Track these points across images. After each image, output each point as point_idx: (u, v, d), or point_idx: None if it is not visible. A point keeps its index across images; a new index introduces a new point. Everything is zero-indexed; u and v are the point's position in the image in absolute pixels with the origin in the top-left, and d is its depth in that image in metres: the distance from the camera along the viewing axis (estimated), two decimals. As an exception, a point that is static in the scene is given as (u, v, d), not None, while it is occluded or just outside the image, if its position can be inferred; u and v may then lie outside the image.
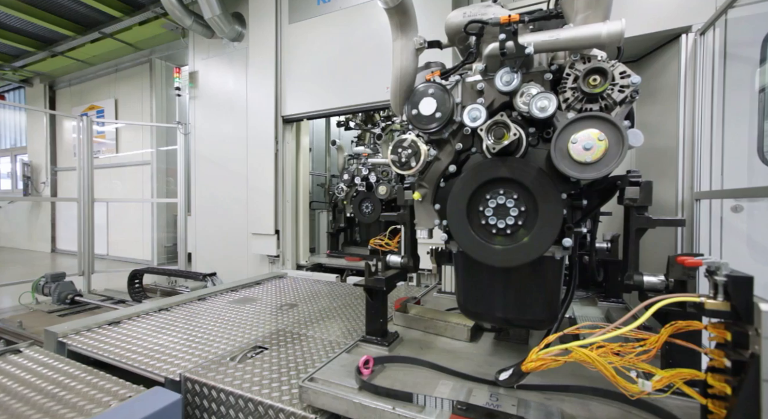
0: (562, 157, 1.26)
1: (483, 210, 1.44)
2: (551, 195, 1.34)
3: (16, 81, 10.66)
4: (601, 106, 1.30)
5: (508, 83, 1.35)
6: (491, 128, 1.36)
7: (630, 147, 1.26)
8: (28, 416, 1.43)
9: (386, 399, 1.30)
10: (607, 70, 1.27)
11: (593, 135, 1.21)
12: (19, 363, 1.91)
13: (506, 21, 1.37)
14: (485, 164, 1.44)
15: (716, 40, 2.87)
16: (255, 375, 1.65)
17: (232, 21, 5.16)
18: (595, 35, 1.27)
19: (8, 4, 6.37)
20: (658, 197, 3.42)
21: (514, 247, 1.40)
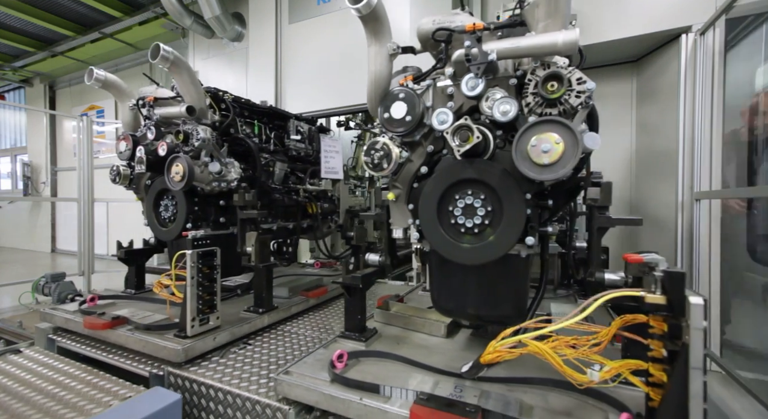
0: (522, 158, 1.32)
1: (452, 210, 1.51)
2: (515, 195, 1.40)
3: (16, 81, 10.66)
4: (560, 111, 1.35)
5: (473, 88, 1.40)
6: (456, 131, 1.42)
7: (588, 150, 1.31)
8: (28, 416, 1.43)
9: (355, 390, 1.37)
10: (564, 76, 1.32)
11: (551, 138, 1.27)
12: (19, 363, 1.91)
13: (471, 29, 1.46)
14: (454, 166, 1.50)
15: (716, 40, 2.87)
16: (236, 370, 1.74)
17: (232, 21, 5.16)
18: (552, 43, 1.33)
19: (8, 4, 6.37)
20: (658, 197, 3.42)
21: (481, 246, 1.46)
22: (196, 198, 2.52)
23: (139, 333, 1.98)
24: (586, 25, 3.31)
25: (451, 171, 1.51)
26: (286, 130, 3.30)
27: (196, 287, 1.90)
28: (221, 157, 2.47)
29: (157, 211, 2.62)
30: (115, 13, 6.67)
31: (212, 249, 2.00)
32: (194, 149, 2.31)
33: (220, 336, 2.00)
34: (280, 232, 3.04)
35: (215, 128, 2.54)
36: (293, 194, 3.17)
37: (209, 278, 1.97)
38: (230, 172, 2.52)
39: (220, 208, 2.65)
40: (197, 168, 2.32)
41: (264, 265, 2.36)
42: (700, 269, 2.90)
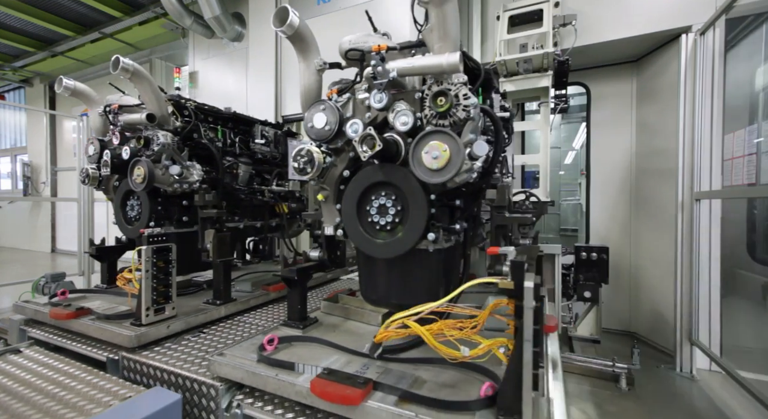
0: (418, 164, 1.50)
1: (369, 210, 1.71)
2: (418, 196, 1.59)
3: (16, 81, 10.66)
4: (450, 122, 1.53)
5: (380, 101, 1.61)
6: (363, 139, 1.58)
7: (476, 156, 1.49)
8: (28, 416, 1.43)
9: (275, 368, 1.54)
10: (449, 92, 1.51)
11: (439, 146, 1.45)
12: (19, 363, 1.91)
13: (377, 49, 1.67)
14: (369, 170, 1.70)
15: (716, 40, 2.87)
16: (184, 354, 1.92)
17: (232, 21, 5.16)
18: (438, 64, 1.53)
19: (8, 4, 6.37)
20: (658, 197, 3.43)
21: (392, 241, 1.65)
22: (160, 198, 2.70)
23: (99, 322, 2.13)
24: (586, 25, 3.31)
25: (367, 174, 1.71)
26: (252, 135, 3.47)
27: (151, 279, 2.04)
28: (182, 161, 2.64)
29: (124, 210, 2.81)
30: (115, 13, 6.66)
31: (167, 245, 2.15)
32: (155, 153, 2.50)
33: (175, 324, 2.16)
34: (247, 231, 3.23)
35: (177, 133, 2.71)
36: (258, 195, 3.33)
37: (164, 271, 2.12)
38: (192, 174, 2.69)
39: (183, 208, 2.82)
40: (158, 171, 2.50)
41: (221, 260, 2.53)
42: (700, 269, 2.90)
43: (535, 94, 3.54)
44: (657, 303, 3.44)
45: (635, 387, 2.71)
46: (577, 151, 7.88)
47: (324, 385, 1.34)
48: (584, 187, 4.44)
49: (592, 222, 3.99)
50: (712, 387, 2.76)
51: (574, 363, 2.97)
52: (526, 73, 3.35)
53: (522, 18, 3.38)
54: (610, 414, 2.40)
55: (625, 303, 3.81)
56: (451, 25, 1.61)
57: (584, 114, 4.21)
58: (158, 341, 2.05)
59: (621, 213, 3.86)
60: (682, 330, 2.96)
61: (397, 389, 1.33)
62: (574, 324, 3.28)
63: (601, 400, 2.56)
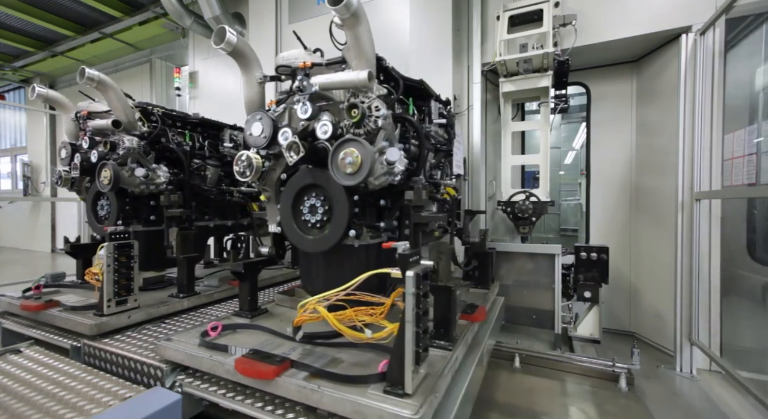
0: (335, 168, 1.69)
1: (302, 209, 1.90)
2: (341, 196, 1.76)
3: (16, 81, 10.66)
4: (365, 131, 1.72)
5: (306, 112, 1.76)
6: (290, 146, 1.77)
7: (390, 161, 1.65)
8: (28, 416, 1.43)
9: (212, 351, 1.71)
10: (358, 105, 1.70)
11: (352, 153, 1.63)
12: (19, 363, 1.92)
13: (303, 66, 1.89)
14: (301, 173, 1.89)
15: (716, 40, 2.87)
16: (141, 341, 2.09)
17: (232, 21, 5.16)
18: (351, 80, 1.73)
19: (8, 4, 6.37)
20: (658, 197, 3.42)
21: (321, 237, 1.84)
22: (127, 198, 2.89)
23: (65, 313, 2.29)
24: (586, 25, 3.31)
25: (299, 178, 1.90)
26: (221, 139, 3.65)
27: (113, 273, 2.22)
28: (147, 164, 2.82)
29: (95, 210, 3.00)
30: (115, 13, 6.66)
31: (129, 242, 2.32)
32: (121, 157, 2.70)
33: (136, 315, 2.33)
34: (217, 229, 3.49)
35: (143, 138, 2.88)
36: (228, 195, 3.51)
37: (126, 266, 2.29)
38: (158, 176, 2.88)
39: (150, 208, 3.01)
40: (124, 173, 2.70)
41: (184, 256, 2.70)
42: (700, 269, 2.90)
43: (535, 94, 3.54)
44: (657, 303, 3.44)
45: (635, 387, 2.71)
46: (577, 151, 7.88)
47: (245, 363, 1.51)
48: (584, 187, 4.44)
49: (592, 222, 3.99)
50: (712, 387, 2.76)
51: (574, 363, 2.97)
52: (526, 73, 3.35)
53: (522, 18, 3.38)
54: (610, 414, 2.40)
55: (625, 303, 3.81)
56: (364, 45, 1.80)
57: (584, 114, 4.21)
58: (120, 330, 2.23)
59: (621, 213, 3.86)
60: (682, 330, 2.96)
61: (311, 367, 1.50)
62: (574, 324, 3.28)
63: (601, 400, 2.56)
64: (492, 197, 3.89)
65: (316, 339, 1.76)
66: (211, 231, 3.46)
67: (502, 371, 3.02)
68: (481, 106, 3.69)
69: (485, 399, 2.59)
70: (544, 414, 2.40)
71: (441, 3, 3.70)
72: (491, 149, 4.02)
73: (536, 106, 3.91)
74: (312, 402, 1.40)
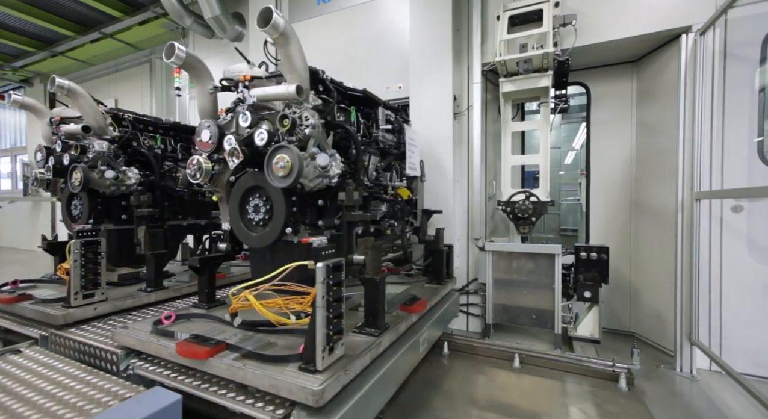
0: (271, 172, 1.86)
1: (248, 209, 2.10)
2: (278, 197, 1.96)
3: (16, 81, 10.65)
4: (297, 138, 1.92)
5: (246, 120, 1.98)
6: (232, 152, 1.97)
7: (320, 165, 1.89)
8: (28, 416, 1.43)
9: (161, 337, 1.88)
10: (288, 115, 1.88)
11: (283, 158, 1.81)
12: (19, 363, 1.91)
13: (243, 79, 2.07)
14: (247, 176, 2.08)
15: (716, 40, 2.87)
16: (105, 330, 2.25)
17: (232, 21, 5.16)
18: (282, 93, 1.91)
19: (8, 4, 6.36)
20: (659, 197, 3.42)
21: (263, 234, 2.03)
22: (99, 199, 3.08)
23: (36, 305, 2.46)
24: (586, 25, 3.31)
25: (245, 180, 2.09)
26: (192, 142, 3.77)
27: (80, 268, 2.39)
28: (116, 166, 2.99)
29: (69, 209, 3.17)
30: (115, 13, 6.65)
31: (96, 240, 2.48)
32: (91, 159, 2.87)
33: (102, 307, 2.51)
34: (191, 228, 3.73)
35: (114, 142, 3.05)
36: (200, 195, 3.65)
37: (93, 262, 2.46)
38: (129, 177, 3.05)
39: (122, 207, 3.19)
40: (95, 175, 2.86)
41: (152, 253, 2.86)
42: (700, 269, 2.90)
43: (535, 94, 3.54)
44: (657, 303, 3.44)
45: (635, 387, 2.71)
46: (577, 151, 7.87)
47: (184, 346, 1.70)
48: (584, 187, 4.44)
49: (592, 222, 3.99)
50: (712, 387, 2.76)
51: (574, 363, 2.97)
52: (526, 73, 3.35)
53: (522, 18, 3.38)
54: (610, 414, 2.40)
55: (625, 303, 3.81)
56: (295, 61, 1.94)
57: (584, 114, 4.21)
58: (87, 321, 2.42)
59: (621, 213, 3.86)
60: (682, 330, 2.96)
61: (242, 349, 1.67)
62: (574, 324, 3.28)
63: (601, 400, 2.56)
64: (492, 197, 3.89)
65: (258, 326, 1.93)
66: (184, 229, 3.68)
67: (501, 371, 3.02)
68: (481, 106, 3.69)
69: (485, 399, 2.59)
70: (544, 414, 2.40)
71: (441, 3, 3.70)
72: (491, 149, 4.03)
73: (536, 106, 3.91)
74: (237, 378, 1.57)
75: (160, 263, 2.97)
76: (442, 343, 3.42)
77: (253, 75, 2.13)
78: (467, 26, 3.82)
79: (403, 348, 2.13)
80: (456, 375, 2.97)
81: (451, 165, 3.64)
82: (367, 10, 4.28)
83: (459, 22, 3.80)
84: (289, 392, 1.44)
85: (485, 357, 3.27)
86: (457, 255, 3.74)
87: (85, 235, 2.49)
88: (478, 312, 3.74)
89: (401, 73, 4.01)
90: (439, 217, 3.65)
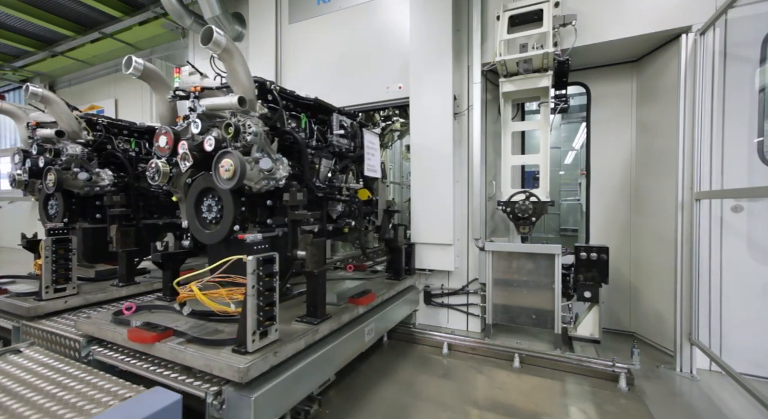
0: (218, 175, 2.05)
1: (202, 208, 2.31)
2: (227, 198, 2.16)
3: (16, 81, 10.65)
4: (242, 145, 2.11)
5: (197, 127, 2.18)
6: (184, 157, 2.16)
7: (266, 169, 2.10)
8: (28, 416, 1.43)
9: (117, 325, 2.11)
10: (232, 123, 2.08)
11: (228, 162, 2.00)
12: (19, 363, 1.91)
13: (193, 90, 2.28)
14: (201, 178, 2.28)
15: (716, 40, 2.87)
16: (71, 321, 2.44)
17: (232, 21, 5.16)
18: (229, 103, 2.11)
19: (8, 4, 6.36)
20: (659, 197, 3.42)
21: (214, 231, 2.23)
22: (74, 199, 3.24)
23: (10, 298, 2.63)
24: (586, 25, 3.31)
25: (199, 182, 2.29)
26: None
27: (50, 264, 2.55)
28: (90, 168, 3.14)
29: (46, 209, 3.36)
30: (115, 13, 6.65)
31: (66, 237, 2.62)
32: (64, 162, 3.02)
33: (72, 300, 2.69)
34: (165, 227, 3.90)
35: (88, 145, 3.20)
36: None
37: (64, 258, 2.62)
38: (103, 179, 3.20)
39: (97, 207, 3.37)
40: (68, 177, 3.00)
41: (123, 250, 3.03)
42: (700, 269, 2.90)
43: (535, 94, 3.54)
44: (657, 303, 3.44)
45: (635, 387, 2.71)
46: (577, 150, 7.87)
47: (134, 332, 1.92)
48: (584, 186, 4.44)
49: (592, 222, 3.99)
50: (712, 387, 2.76)
51: (574, 363, 2.97)
52: (526, 73, 3.35)
53: (522, 18, 3.38)
54: (610, 414, 2.40)
55: (625, 303, 3.81)
56: (239, 75, 2.13)
57: (584, 114, 4.21)
58: (59, 313, 2.60)
59: (621, 213, 3.86)
60: (682, 330, 2.96)
61: (188, 335, 1.88)
62: (574, 324, 3.28)
63: (601, 400, 2.56)
64: (492, 197, 3.89)
65: (209, 316, 2.11)
66: (161, 228, 3.87)
67: (501, 371, 3.02)
68: (481, 106, 3.69)
69: (485, 399, 2.59)
70: (544, 414, 2.40)
71: (441, 3, 3.70)
72: (491, 149, 4.02)
73: (536, 106, 3.91)
74: (179, 360, 1.78)
75: (132, 260, 3.15)
76: (442, 343, 3.42)
77: (203, 86, 2.33)
78: (467, 26, 3.82)
79: (344, 336, 2.36)
80: (455, 374, 2.97)
81: (451, 165, 3.64)
82: (367, 10, 4.28)
83: (459, 22, 3.80)
84: (220, 370, 1.65)
85: (485, 357, 3.27)
86: (457, 255, 3.74)
87: (56, 233, 2.62)
88: (478, 313, 3.73)
89: (401, 73, 4.01)
90: (440, 217, 3.65)
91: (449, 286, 3.86)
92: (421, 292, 3.91)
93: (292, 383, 1.86)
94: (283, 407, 1.82)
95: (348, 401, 2.56)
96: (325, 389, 2.66)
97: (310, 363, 1.99)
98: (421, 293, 3.90)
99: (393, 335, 3.69)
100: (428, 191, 3.73)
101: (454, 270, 3.75)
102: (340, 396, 2.63)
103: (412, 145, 3.87)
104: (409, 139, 4.03)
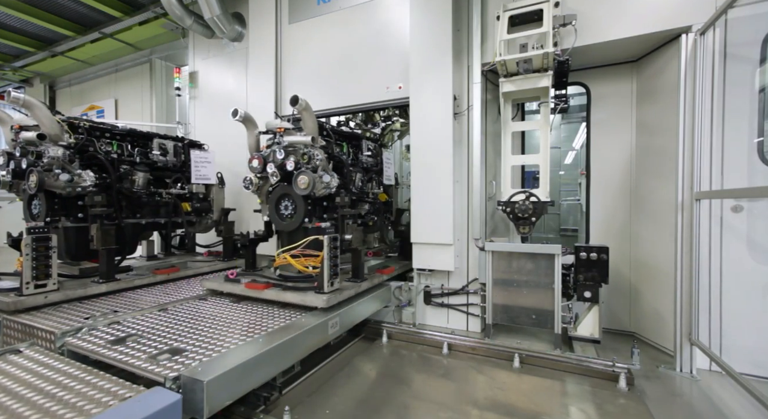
0: (295, 186, 3.11)
1: (280, 207, 3.38)
2: (299, 201, 3.22)
3: (16, 81, 10.65)
4: (312, 166, 3.14)
5: (281, 154, 3.22)
6: (273, 173, 3.23)
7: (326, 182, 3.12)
8: (28, 416, 1.43)
9: (230, 283, 3.22)
10: (306, 152, 3.13)
11: (303, 178, 3.06)
12: (19, 363, 1.91)
13: (279, 131, 3.34)
14: (280, 187, 3.35)
15: (716, 40, 2.87)
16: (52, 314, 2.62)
17: (232, 21, 5.16)
18: (302, 140, 3.19)
19: (8, 4, 6.36)
20: (658, 197, 3.42)
21: (289, 223, 3.29)
22: (56, 199, 3.37)
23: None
24: (586, 25, 3.31)
25: (279, 190, 3.36)
26: (150, 147, 4.21)
27: (31, 261, 2.70)
28: (71, 170, 3.27)
29: (30, 208, 3.52)
30: (115, 13, 6.65)
31: (46, 235, 2.76)
32: (46, 164, 3.17)
33: (53, 295, 2.83)
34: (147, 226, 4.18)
35: (69, 148, 3.34)
36: (157, 196, 4.12)
37: (45, 255, 2.76)
38: (84, 180, 3.33)
39: (79, 207, 3.49)
40: (50, 178, 3.14)
41: (104, 248, 3.21)
42: (700, 269, 2.90)
43: (535, 94, 3.54)
44: (657, 303, 3.44)
45: (635, 387, 2.71)
46: (577, 151, 7.87)
47: (249, 285, 3.07)
48: (584, 187, 4.44)
49: (592, 222, 3.99)
50: (712, 387, 2.76)
51: (574, 363, 2.97)
52: (526, 73, 3.35)
53: (522, 18, 3.38)
54: (610, 414, 2.40)
55: (625, 303, 3.81)
56: (309, 121, 3.18)
57: (584, 114, 4.21)
58: (39, 308, 2.74)
59: (621, 213, 3.86)
60: (682, 330, 2.96)
61: (283, 285, 3.01)
62: (574, 324, 3.28)
63: (601, 400, 2.56)
64: (492, 197, 3.89)
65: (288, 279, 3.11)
66: (143, 227, 4.11)
67: (501, 371, 3.02)
68: (481, 106, 3.69)
69: (485, 399, 2.59)
70: (544, 414, 2.40)
71: (441, 3, 3.70)
72: (491, 149, 4.02)
73: (536, 106, 3.90)
74: (280, 299, 2.89)
75: (112, 257, 3.33)
76: (442, 343, 3.42)
77: (284, 127, 3.33)
78: (467, 26, 3.82)
79: (376, 291, 3.53)
80: (455, 374, 2.97)
81: (451, 165, 3.64)
82: (367, 9, 4.28)
83: (459, 22, 3.80)
84: (311, 302, 2.76)
85: (485, 357, 3.27)
86: (457, 255, 3.74)
87: (36, 232, 2.74)
88: (478, 312, 3.73)
89: (401, 73, 4.01)
90: (440, 217, 3.66)
91: (449, 286, 3.86)
92: (421, 293, 3.91)
93: (350, 311, 3.04)
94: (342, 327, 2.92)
95: (348, 400, 2.56)
96: (325, 388, 2.66)
97: (360, 303, 3.20)
98: (421, 293, 3.91)
99: (393, 335, 3.69)
100: (428, 191, 3.73)
101: (454, 270, 3.75)
102: (339, 394, 2.63)
103: (412, 144, 3.87)
104: (409, 139, 4.03)
